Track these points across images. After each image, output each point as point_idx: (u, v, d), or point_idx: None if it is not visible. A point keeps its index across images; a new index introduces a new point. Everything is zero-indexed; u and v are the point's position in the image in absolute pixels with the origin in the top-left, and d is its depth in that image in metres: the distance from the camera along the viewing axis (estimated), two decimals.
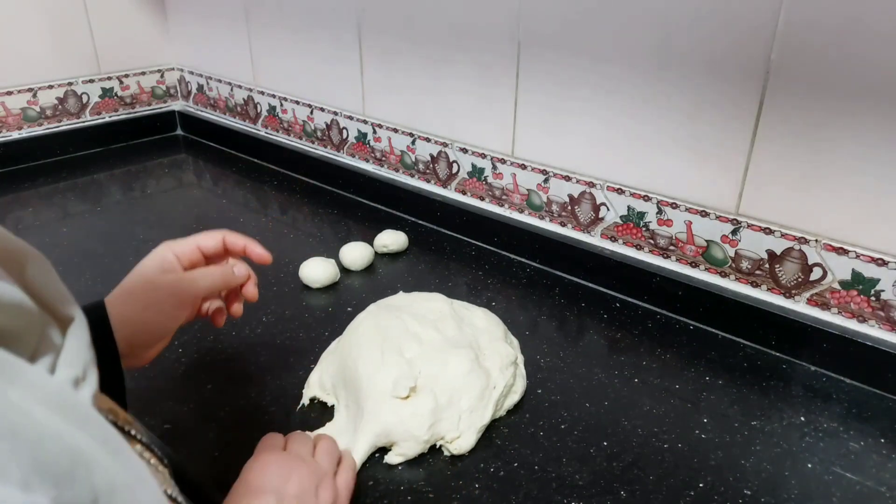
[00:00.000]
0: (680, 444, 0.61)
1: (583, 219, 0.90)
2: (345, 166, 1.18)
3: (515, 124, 0.92)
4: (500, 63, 0.90)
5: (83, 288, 0.86)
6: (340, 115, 1.18)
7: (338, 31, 1.10)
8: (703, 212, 0.78)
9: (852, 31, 0.63)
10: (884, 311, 0.70)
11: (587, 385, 0.69)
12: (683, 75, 0.75)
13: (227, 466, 0.57)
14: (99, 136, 1.39)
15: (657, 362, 0.73)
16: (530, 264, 0.94)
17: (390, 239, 0.96)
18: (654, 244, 0.84)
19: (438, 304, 0.72)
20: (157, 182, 1.26)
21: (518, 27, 0.87)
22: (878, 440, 0.63)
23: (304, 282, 0.87)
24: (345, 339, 0.69)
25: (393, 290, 0.81)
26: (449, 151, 1.02)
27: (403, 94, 1.05)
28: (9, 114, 1.28)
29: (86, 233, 1.03)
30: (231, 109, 1.41)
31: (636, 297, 0.85)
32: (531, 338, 0.76)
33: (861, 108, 0.64)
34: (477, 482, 0.57)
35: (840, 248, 0.70)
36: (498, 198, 0.99)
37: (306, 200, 1.16)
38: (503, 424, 0.63)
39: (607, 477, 0.58)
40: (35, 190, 1.18)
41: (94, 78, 1.37)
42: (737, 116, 0.72)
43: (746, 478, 0.58)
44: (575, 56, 0.83)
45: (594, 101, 0.83)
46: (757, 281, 0.77)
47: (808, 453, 0.61)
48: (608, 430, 0.63)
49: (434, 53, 0.98)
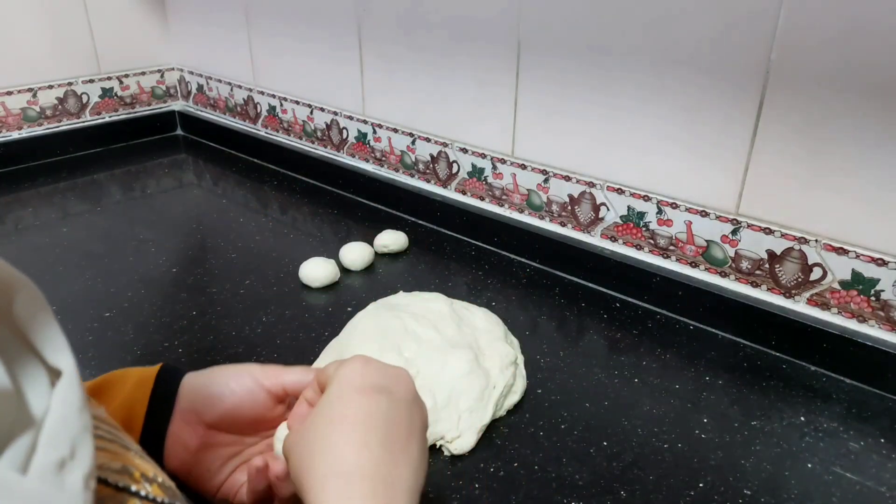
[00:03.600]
0: (680, 444, 0.61)
1: (583, 219, 0.90)
2: (345, 166, 1.18)
3: (515, 124, 0.92)
4: (500, 63, 0.90)
5: (83, 288, 0.86)
6: (340, 115, 1.18)
7: (338, 31, 1.10)
8: (703, 212, 0.78)
9: (852, 31, 0.63)
10: (884, 311, 0.69)
11: (587, 385, 0.69)
12: (683, 75, 0.75)
13: None
14: (99, 136, 1.39)
15: (657, 362, 0.73)
16: (530, 264, 0.94)
17: (390, 239, 0.96)
18: (654, 244, 0.84)
19: (438, 305, 0.72)
20: (157, 182, 1.26)
21: (518, 27, 0.87)
22: (878, 440, 0.63)
23: (304, 282, 0.87)
24: (343, 338, 0.70)
25: (393, 290, 0.81)
26: (449, 151, 1.03)
27: (403, 94, 1.05)
28: (9, 114, 1.28)
29: (86, 233, 1.03)
30: (231, 109, 1.41)
31: (636, 297, 0.85)
32: (531, 338, 0.76)
33: (861, 107, 0.64)
34: (477, 482, 0.57)
35: (840, 248, 0.70)
36: (498, 198, 0.99)
37: (306, 200, 1.16)
38: (503, 424, 0.63)
39: (607, 477, 0.58)
40: (35, 190, 1.18)
41: (94, 78, 1.37)
42: (737, 116, 0.72)
43: (746, 478, 0.58)
44: (575, 56, 0.83)
45: (594, 101, 0.83)
46: (757, 281, 0.77)
47: (808, 453, 0.61)
48: (608, 430, 0.63)
49: (434, 53, 0.98)
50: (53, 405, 0.21)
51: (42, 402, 0.21)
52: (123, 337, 0.76)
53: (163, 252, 0.96)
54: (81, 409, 0.22)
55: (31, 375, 0.22)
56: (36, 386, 0.21)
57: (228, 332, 0.77)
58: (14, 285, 0.23)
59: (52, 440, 0.20)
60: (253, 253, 0.96)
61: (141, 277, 0.88)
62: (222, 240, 1.00)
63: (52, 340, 0.23)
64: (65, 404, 0.21)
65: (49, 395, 0.21)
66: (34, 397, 0.21)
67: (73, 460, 0.21)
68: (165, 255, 0.95)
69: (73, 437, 0.21)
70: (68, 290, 0.85)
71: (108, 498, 0.25)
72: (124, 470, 0.26)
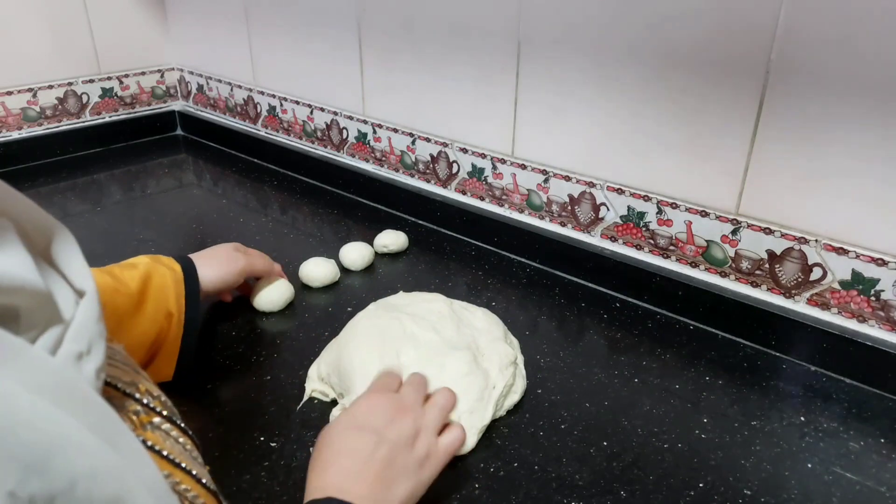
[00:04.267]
0: (680, 444, 0.61)
1: (583, 219, 0.90)
2: (345, 166, 1.18)
3: (515, 124, 0.92)
4: (500, 63, 0.90)
5: None
6: (340, 115, 1.18)
7: (338, 31, 1.10)
8: (703, 212, 0.78)
9: (852, 30, 0.63)
10: (884, 311, 0.69)
11: (587, 385, 0.69)
12: (683, 75, 0.75)
13: (228, 467, 0.58)
14: (99, 136, 1.39)
15: (657, 362, 0.73)
16: (530, 264, 0.94)
17: (390, 239, 0.96)
18: (654, 244, 0.84)
19: (437, 305, 0.72)
20: (157, 182, 1.26)
21: (518, 27, 0.87)
22: (878, 440, 0.63)
23: (304, 281, 0.87)
24: (343, 338, 0.70)
25: (393, 290, 0.81)
26: (449, 151, 1.02)
27: (403, 94, 1.05)
28: (9, 114, 1.28)
29: (86, 233, 1.02)
30: (231, 109, 1.41)
31: (636, 297, 0.85)
32: (531, 338, 0.76)
33: (861, 107, 0.64)
34: (477, 482, 0.57)
35: (840, 248, 0.70)
36: (498, 198, 0.99)
37: (306, 200, 1.16)
38: (503, 424, 0.63)
39: (607, 477, 0.58)
40: (35, 190, 1.18)
41: (94, 78, 1.37)
42: (737, 116, 0.72)
43: (746, 478, 0.58)
44: (575, 56, 0.83)
45: (594, 101, 0.83)
46: (757, 281, 0.77)
47: (808, 453, 0.61)
48: (608, 430, 0.63)
49: (434, 53, 0.98)
50: (77, 313, 0.27)
51: (69, 310, 0.27)
52: None
53: (163, 252, 0.95)
54: (98, 320, 0.28)
55: (61, 290, 0.27)
56: (64, 298, 0.27)
57: (228, 332, 0.77)
58: (53, 228, 0.30)
59: (75, 337, 0.26)
60: None
61: None
62: (222, 240, 0.99)
63: (78, 269, 0.29)
64: (86, 314, 0.27)
65: (75, 306, 0.27)
66: (64, 305, 0.27)
67: (89, 355, 0.26)
68: None
69: (90, 338, 0.27)
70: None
71: (115, 397, 0.30)
72: (132, 384, 0.32)
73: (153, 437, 0.31)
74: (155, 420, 0.32)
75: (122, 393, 0.31)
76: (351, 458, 0.48)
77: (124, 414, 0.30)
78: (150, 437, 0.30)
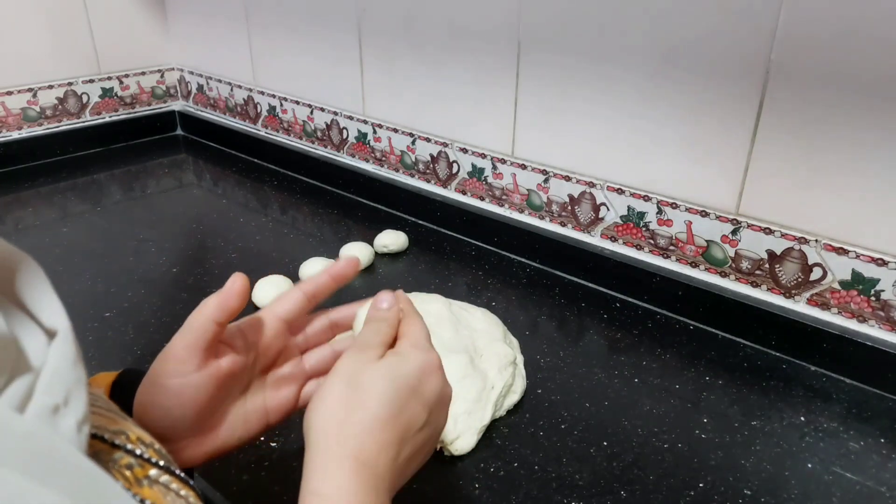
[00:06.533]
0: (680, 444, 0.61)
1: (583, 219, 0.90)
2: (345, 166, 1.18)
3: (515, 124, 0.92)
4: (500, 63, 0.90)
5: (83, 288, 0.86)
6: (340, 115, 1.18)
7: (338, 31, 1.10)
8: (703, 212, 0.78)
9: (852, 31, 0.63)
10: (884, 311, 0.69)
11: (587, 385, 0.69)
12: (683, 75, 0.75)
13: (228, 467, 0.58)
14: (99, 136, 1.39)
15: (657, 362, 0.73)
16: (530, 264, 0.94)
17: (390, 239, 0.96)
18: (654, 244, 0.84)
19: (436, 306, 0.72)
20: (157, 182, 1.26)
21: (518, 27, 0.87)
22: (878, 440, 0.63)
23: None
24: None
25: (392, 290, 0.81)
26: (449, 151, 1.02)
27: (403, 94, 1.05)
28: (9, 114, 1.28)
29: (86, 233, 1.02)
30: (231, 109, 1.41)
31: (636, 297, 0.85)
32: (531, 338, 0.76)
33: (861, 107, 0.64)
34: (477, 482, 0.57)
35: (840, 248, 0.70)
36: (498, 198, 0.99)
37: (306, 200, 1.16)
38: (503, 424, 0.63)
39: (607, 477, 0.58)
40: (35, 190, 1.18)
41: (94, 78, 1.37)
42: (737, 116, 0.72)
43: (746, 478, 0.58)
44: (575, 56, 0.83)
45: (594, 101, 0.83)
46: (757, 281, 0.77)
47: (808, 453, 0.61)
48: (608, 430, 0.63)
49: (434, 53, 0.98)
50: (49, 358, 0.23)
51: (40, 356, 0.23)
52: (123, 337, 0.76)
53: (163, 252, 0.96)
54: (75, 363, 0.24)
55: (29, 333, 0.24)
56: (33, 341, 0.23)
57: None
58: (17, 261, 0.25)
59: (48, 387, 0.22)
60: (253, 253, 0.96)
61: (141, 277, 0.88)
62: (222, 240, 1.00)
63: (48, 305, 0.25)
64: (60, 357, 0.23)
65: (46, 350, 0.23)
66: (32, 350, 0.23)
67: (66, 406, 0.22)
68: (165, 255, 0.95)
69: (67, 386, 0.23)
70: (68, 290, 0.85)
71: (103, 452, 0.27)
72: (121, 432, 0.28)
73: (151, 494, 0.27)
74: (151, 473, 0.28)
75: (111, 445, 0.28)
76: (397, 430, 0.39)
77: (115, 471, 0.27)
78: (147, 495, 0.27)
